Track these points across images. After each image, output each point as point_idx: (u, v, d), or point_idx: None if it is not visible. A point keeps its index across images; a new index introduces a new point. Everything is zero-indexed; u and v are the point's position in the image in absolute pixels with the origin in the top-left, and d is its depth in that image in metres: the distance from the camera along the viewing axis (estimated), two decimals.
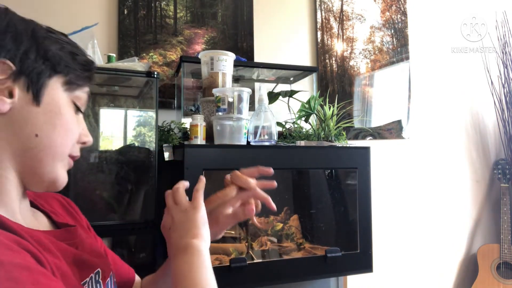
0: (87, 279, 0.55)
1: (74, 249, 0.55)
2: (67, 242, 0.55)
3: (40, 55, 0.51)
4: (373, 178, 1.37)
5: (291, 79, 1.73)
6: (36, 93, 0.50)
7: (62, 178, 0.55)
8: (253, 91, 1.53)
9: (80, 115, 0.58)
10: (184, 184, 0.69)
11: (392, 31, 2.10)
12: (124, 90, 1.38)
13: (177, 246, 0.60)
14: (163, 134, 1.30)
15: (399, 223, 2.03)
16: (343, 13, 1.99)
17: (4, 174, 0.49)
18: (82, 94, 0.57)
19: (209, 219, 0.66)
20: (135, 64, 1.28)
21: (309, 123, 1.52)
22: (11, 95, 0.49)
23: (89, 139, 0.59)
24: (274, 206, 0.70)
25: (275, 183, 0.73)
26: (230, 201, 0.70)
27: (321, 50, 1.92)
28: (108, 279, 0.62)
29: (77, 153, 0.58)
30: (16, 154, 0.50)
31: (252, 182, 0.71)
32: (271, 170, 0.73)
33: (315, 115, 1.47)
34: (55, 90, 0.53)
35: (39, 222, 0.57)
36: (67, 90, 0.54)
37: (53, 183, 0.54)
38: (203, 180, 0.70)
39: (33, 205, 0.60)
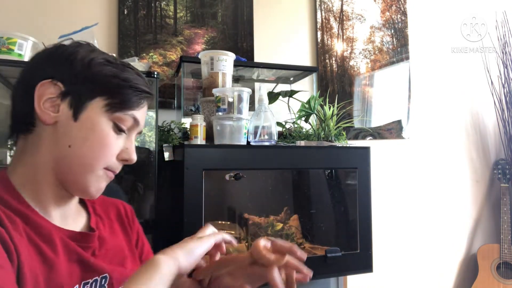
0: (90, 280, 0.60)
1: (82, 251, 0.60)
2: (79, 243, 0.60)
3: (88, 79, 0.59)
4: (373, 178, 1.37)
5: (291, 79, 1.73)
6: (75, 110, 0.58)
7: (93, 189, 0.60)
8: (253, 91, 1.53)
9: (128, 135, 0.63)
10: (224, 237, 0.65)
11: (392, 31, 2.10)
12: None
13: None
14: (163, 134, 1.30)
15: (399, 223, 2.03)
16: (343, 13, 1.99)
17: (45, 174, 0.59)
18: (124, 116, 0.61)
19: (214, 280, 0.64)
20: (135, 64, 1.28)
21: (309, 123, 1.52)
22: (59, 110, 0.59)
23: (130, 157, 0.63)
24: None
25: (308, 277, 0.59)
26: (242, 268, 0.62)
27: (321, 50, 1.92)
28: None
29: (115, 168, 0.62)
30: (54, 161, 0.59)
31: (272, 260, 0.57)
32: (305, 257, 0.60)
33: (315, 115, 1.47)
34: (94, 109, 0.59)
35: (75, 222, 0.65)
36: (108, 111, 0.60)
37: (83, 191, 0.61)
38: (233, 243, 0.65)
39: (85, 206, 0.69)
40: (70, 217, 0.64)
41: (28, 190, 0.58)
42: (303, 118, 1.50)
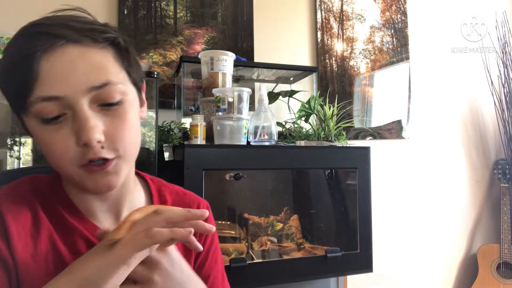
0: None
1: None
2: None
3: (10, 103, 0.52)
4: (373, 178, 1.37)
5: (291, 79, 1.73)
6: (25, 129, 0.52)
7: (91, 187, 0.51)
8: (253, 91, 1.53)
9: (72, 114, 0.48)
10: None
11: (392, 31, 2.10)
12: None
13: None
14: (163, 134, 1.30)
15: (399, 223, 2.03)
16: (343, 13, 1.99)
17: (77, 188, 0.55)
18: (36, 107, 0.46)
19: None
20: None
21: (309, 123, 1.52)
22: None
23: (84, 138, 0.47)
24: None
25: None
26: None
27: (321, 50, 1.92)
28: None
29: (88, 156, 0.48)
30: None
31: None
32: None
33: (315, 115, 1.47)
34: (26, 120, 0.50)
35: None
36: (25, 114, 0.49)
37: (88, 190, 0.53)
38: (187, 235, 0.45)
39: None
40: (112, 216, 0.59)
41: (71, 193, 0.56)
42: (303, 118, 1.50)
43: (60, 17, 0.51)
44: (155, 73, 1.27)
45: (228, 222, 1.35)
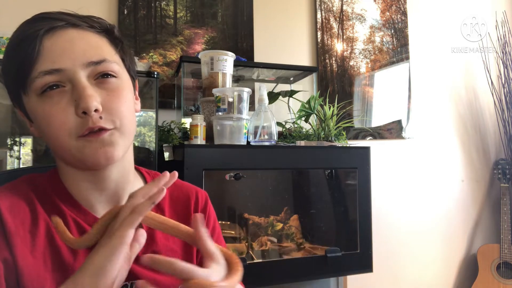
0: None
1: None
2: None
3: (6, 85, 0.56)
4: (373, 178, 1.37)
5: (291, 79, 1.73)
6: (26, 115, 0.56)
7: (90, 155, 0.52)
8: (253, 91, 1.53)
9: (72, 86, 0.51)
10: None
11: (392, 31, 2.10)
12: None
13: None
14: (163, 134, 1.30)
15: (399, 223, 2.03)
16: (343, 13, 1.99)
17: (75, 176, 0.57)
18: (37, 81, 0.50)
19: None
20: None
21: (309, 123, 1.52)
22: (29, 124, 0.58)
23: (83, 105, 0.49)
24: None
25: None
26: None
27: (321, 50, 1.92)
28: None
29: (87, 126, 0.50)
30: (56, 157, 0.57)
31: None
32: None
33: (315, 115, 1.47)
34: (26, 103, 0.54)
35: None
36: (25, 93, 0.52)
37: (88, 163, 0.53)
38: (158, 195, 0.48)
39: None
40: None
41: (69, 185, 0.57)
42: (303, 118, 1.50)
43: (59, 11, 0.57)
44: (155, 73, 1.27)
45: (228, 222, 1.35)
